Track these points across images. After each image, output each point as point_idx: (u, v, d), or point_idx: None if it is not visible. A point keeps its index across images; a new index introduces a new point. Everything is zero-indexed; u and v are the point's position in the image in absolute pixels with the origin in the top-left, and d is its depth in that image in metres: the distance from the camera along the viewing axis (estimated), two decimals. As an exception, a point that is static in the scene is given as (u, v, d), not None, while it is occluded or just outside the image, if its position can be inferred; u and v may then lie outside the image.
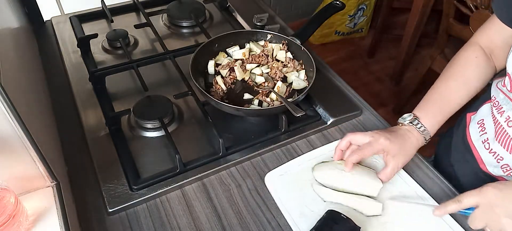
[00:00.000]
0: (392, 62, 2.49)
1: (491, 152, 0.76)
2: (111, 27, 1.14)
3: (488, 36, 0.78)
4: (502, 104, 0.72)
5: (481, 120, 0.79)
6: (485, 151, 0.77)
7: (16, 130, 0.54)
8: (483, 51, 0.78)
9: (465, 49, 0.80)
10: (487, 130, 0.77)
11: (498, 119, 0.73)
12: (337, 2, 1.00)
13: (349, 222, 0.64)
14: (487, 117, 0.77)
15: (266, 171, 0.78)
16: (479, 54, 0.78)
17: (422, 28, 2.09)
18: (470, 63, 0.78)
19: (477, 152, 0.80)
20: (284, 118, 0.83)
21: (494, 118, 0.74)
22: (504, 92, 0.72)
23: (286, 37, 0.96)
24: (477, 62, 0.77)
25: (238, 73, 0.91)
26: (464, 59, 0.79)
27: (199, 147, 0.82)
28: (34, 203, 0.61)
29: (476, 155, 0.80)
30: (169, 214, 0.72)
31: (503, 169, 0.74)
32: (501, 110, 0.72)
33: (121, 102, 0.91)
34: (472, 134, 0.82)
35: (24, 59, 0.83)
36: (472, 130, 0.82)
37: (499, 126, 0.72)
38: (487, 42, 0.78)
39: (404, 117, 0.77)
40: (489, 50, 0.79)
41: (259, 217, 0.72)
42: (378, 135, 0.72)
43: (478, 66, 0.77)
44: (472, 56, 0.78)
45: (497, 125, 0.73)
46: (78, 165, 0.79)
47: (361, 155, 0.71)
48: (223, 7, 1.24)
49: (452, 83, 0.78)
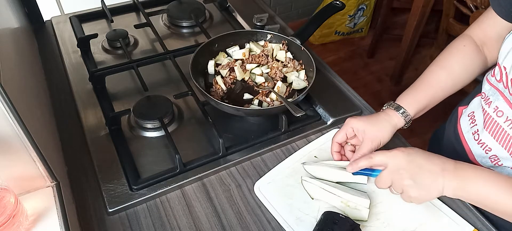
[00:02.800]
0: (392, 62, 2.49)
1: (479, 143, 0.77)
2: (111, 27, 1.14)
3: (482, 29, 0.79)
4: (489, 95, 0.74)
5: (471, 113, 0.80)
6: (474, 142, 0.78)
7: (16, 130, 0.54)
8: (473, 41, 0.79)
9: (455, 40, 0.81)
10: (476, 122, 0.78)
11: (486, 109, 0.74)
12: (337, 2, 1.00)
13: (348, 220, 0.64)
14: (478, 109, 0.78)
15: (266, 171, 0.78)
16: (467, 43, 0.79)
17: (422, 28, 2.09)
18: (456, 51, 0.79)
19: (467, 144, 0.81)
20: (284, 118, 0.83)
21: (483, 110, 0.75)
22: (492, 82, 0.73)
23: (286, 37, 0.96)
24: (464, 51, 0.79)
25: (238, 73, 0.91)
26: (451, 47, 0.81)
27: (199, 147, 0.82)
28: (34, 203, 0.61)
29: (466, 147, 0.81)
30: (169, 214, 0.72)
31: (491, 159, 0.75)
32: (489, 101, 0.73)
33: (121, 102, 0.91)
34: (463, 127, 0.83)
35: (24, 59, 0.83)
36: (463, 122, 0.83)
37: (488, 116, 0.74)
38: (480, 35, 0.79)
39: (386, 104, 0.80)
40: (481, 42, 0.80)
41: (259, 217, 0.72)
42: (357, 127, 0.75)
43: (464, 54, 0.79)
44: (460, 45, 0.79)
45: (486, 115, 0.74)
46: (78, 165, 0.79)
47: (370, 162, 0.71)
48: (223, 7, 1.24)
49: (434, 68, 0.80)
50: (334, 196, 0.72)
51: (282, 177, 0.77)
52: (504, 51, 0.68)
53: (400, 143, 0.85)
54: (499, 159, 0.73)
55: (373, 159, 0.68)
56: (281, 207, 0.72)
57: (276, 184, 0.76)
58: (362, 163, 0.69)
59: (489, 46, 0.79)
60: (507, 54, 0.67)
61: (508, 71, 0.67)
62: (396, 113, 0.77)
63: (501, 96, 0.70)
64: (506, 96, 0.69)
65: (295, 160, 0.80)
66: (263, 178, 0.77)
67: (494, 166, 0.75)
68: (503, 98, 0.70)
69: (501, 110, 0.71)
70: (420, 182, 0.64)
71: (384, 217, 0.71)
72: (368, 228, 0.69)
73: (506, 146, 0.71)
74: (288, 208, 0.72)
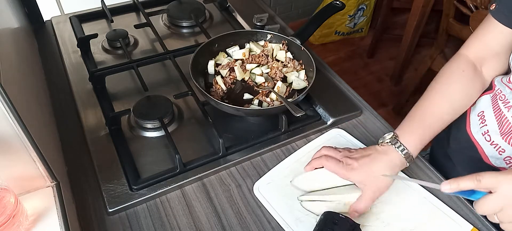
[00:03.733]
0: (392, 62, 2.49)
1: (492, 144, 0.75)
2: (111, 27, 1.14)
3: (483, 43, 0.75)
4: (509, 99, 0.71)
5: (481, 112, 0.78)
6: (487, 143, 0.76)
7: (16, 130, 0.54)
8: (471, 64, 0.76)
9: (451, 62, 0.77)
10: (487, 122, 0.76)
11: (505, 113, 0.71)
12: (337, 2, 1.00)
13: (348, 220, 0.64)
14: (488, 109, 0.76)
15: (266, 171, 0.78)
16: (466, 67, 0.75)
17: (422, 28, 2.09)
18: (455, 77, 0.75)
19: (478, 144, 0.79)
20: (284, 118, 0.83)
21: (500, 111, 0.73)
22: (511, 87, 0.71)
23: (286, 37, 0.96)
24: (463, 76, 0.75)
25: (238, 73, 0.91)
26: (449, 73, 0.76)
27: (199, 147, 0.82)
28: (34, 203, 0.61)
29: (478, 147, 0.79)
30: (169, 214, 0.72)
31: (505, 161, 0.74)
32: (509, 105, 0.71)
33: (121, 102, 0.91)
34: (472, 126, 0.81)
35: (24, 59, 0.83)
36: (472, 121, 0.81)
37: (506, 120, 0.71)
38: (482, 50, 0.76)
39: (384, 136, 0.73)
40: (480, 61, 0.76)
41: (259, 217, 0.72)
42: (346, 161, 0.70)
43: (463, 80, 0.75)
44: (459, 70, 0.75)
45: (504, 119, 0.72)
46: (78, 165, 0.79)
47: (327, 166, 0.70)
48: (223, 7, 1.24)
49: (433, 96, 0.75)
50: (334, 202, 0.71)
51: (281, 177, 0.77)
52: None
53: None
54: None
55: (481, 182, 0.56)
56: (280, 207, 0.72)
57: (276, 184, 0.76)
58: (466, 183, 0.57)
59: (491, 62, 0.76)
60: None
61: None
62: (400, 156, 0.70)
63: None
64: None
65: (295, 159, 0.80)
66: (262, 178, 0.77)
67: (508, 167, 0.75)
68: None
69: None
70: None
71: (384, 216, 0.71)
72: (368, 227, 0.69)
73: None
74: (288, 208, 0.72)
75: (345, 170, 0.69)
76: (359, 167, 0.69)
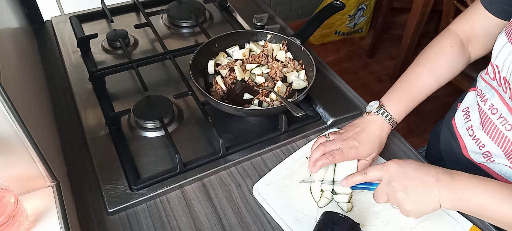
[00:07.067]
0: (392, 62, 2.49)
1: (474, 139, 0.76)
2: (111, 27, 1.14)
3: (469, 24, 0.78)
4: (485, 93, 0.73)
5: (466, 108, 0.80)
6: (469, 137, 0.78)
7: (16, 130, 0.54)
8: (459, 40, 0.78)
9: (441, 37, 0.80)
10: (471, 117, 0.78)
11: (482, 107, 0.73)
12: (337, 2, 1.01)
13: (348, 219, 0.64)
14: (473, 105, 0.78)
15: (266, 171, 0.78)
16: (454, 43, 0.78)
17: (422, 28, 2.09)
18: (443, 53, 0.78)
19: (461, 139, 0.81)
20: (284, 118, 0.83)
21: (479, 106, 0.75)
22: (487, 80, 0.73)
23: (286, 37, 0.96)
24: (451, 52, 0.77)
25: (238, 73, 0.91)
26: (438, 47, 0.79)
27: (199, 147, 0.82)
28: (34, 203, 0.61)
29: (460, 142, 0.81)
30: (169, 214, 0.72)
31: (483, 155, 0.75)
32: (484, 99, 0.73)
33: (121, 102, 0.91)
34: (458, 122, 0.82)
35: (24, 59, 0.83)
36: (458, 117, 0.83)
37: (484, 114, 0.73)
38: (467, 30, 0.78)
39: (371, 105, 0.78)
40: (466, 39, 0.78)
41: (259, 217, 0.72)
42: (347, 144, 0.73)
43: (451, 56, 0.78)
44: (447, 45, 0.78)
45: (482, 113, 0.74)
46: (78, 165, 0.79)
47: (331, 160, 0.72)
48: (223, 7, 1.24)
49: (420, 70, 0.78)
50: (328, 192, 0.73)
51: (280, 178, 0.77)
52: (496, 50, 0.68)
53: (400, 143, 0.86)
54: (492, 155, 0.73)
55: (367, 175, 0.68)
56: (280, 208, 0.72)
57: (275, 186, 0.76)
58: (357, 178, 0.69)
59: (475, 43, 0.78)
60: (499, 53, 0.67)
61: (500, 69, 0.67)
62: (386, 123, 0.76)
63: (496, 94, 0.70)
64: (501, 94, 0.69)
65: (294, 160, 0.80)
66: (262, 179, 0.77)
67: (486, 162, 0.76)
68: (498, 95, 0.70)
69: (495, 107, 0.70)
70: (413, 194, 0.62)
71: (383, 215, 0.71)
72: (368, 227, 0.69)
73: (499, 143, 0.71)
74: (287, 209, 0.72)
75: (352, 152, 0.73)
76: (360, 142, 0.74)
